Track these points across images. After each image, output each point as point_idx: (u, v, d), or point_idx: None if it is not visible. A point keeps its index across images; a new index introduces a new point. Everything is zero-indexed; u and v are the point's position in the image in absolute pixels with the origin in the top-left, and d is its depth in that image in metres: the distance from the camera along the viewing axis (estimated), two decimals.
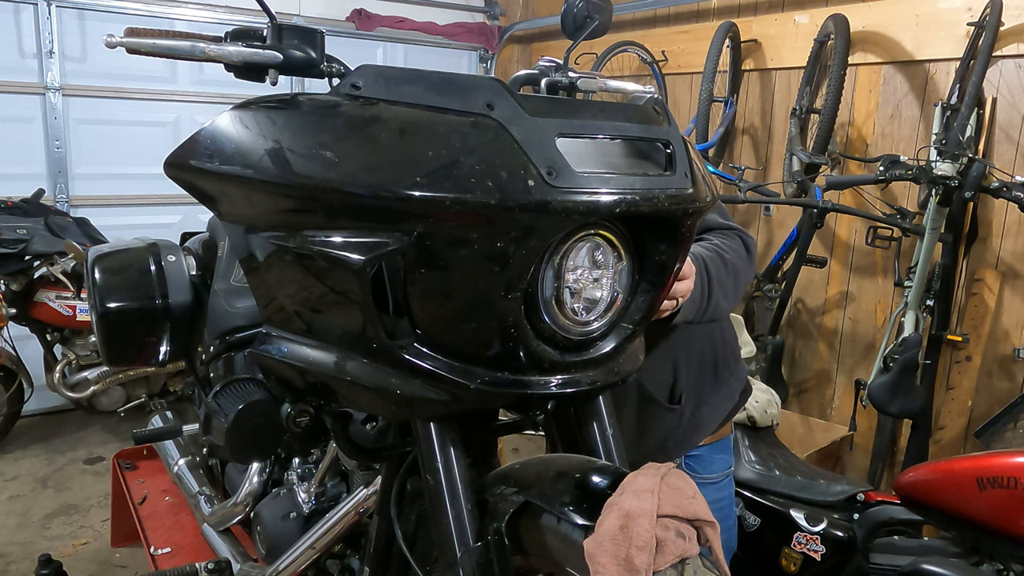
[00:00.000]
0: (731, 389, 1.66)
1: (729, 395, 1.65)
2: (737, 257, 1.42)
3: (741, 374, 1.70)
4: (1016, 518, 1.60)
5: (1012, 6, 2.77)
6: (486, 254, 0.84)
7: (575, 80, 1.31)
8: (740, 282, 1.42)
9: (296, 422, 1.09)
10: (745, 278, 1.44)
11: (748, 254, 1.47)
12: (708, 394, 1.61)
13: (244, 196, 0.94)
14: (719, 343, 1.62)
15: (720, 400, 1.63)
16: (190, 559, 2.04)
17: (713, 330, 1.60)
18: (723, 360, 1.63)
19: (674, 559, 0.81)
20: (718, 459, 1.68)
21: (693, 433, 1.60)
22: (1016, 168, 2.86)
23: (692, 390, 1.58)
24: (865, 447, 3.24)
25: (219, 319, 1.71)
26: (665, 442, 1.58)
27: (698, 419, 1.59)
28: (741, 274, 1.42)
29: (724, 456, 1.71)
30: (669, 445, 1.59)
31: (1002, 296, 2.96)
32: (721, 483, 1.69)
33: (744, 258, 1.45)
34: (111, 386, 3.48)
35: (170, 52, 0.95)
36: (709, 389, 1.61)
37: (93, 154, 4.06)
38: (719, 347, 1.62)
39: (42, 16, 3.78)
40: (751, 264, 1.47)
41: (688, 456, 1.63)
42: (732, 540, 1.79)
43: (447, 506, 0.97)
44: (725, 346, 1.64)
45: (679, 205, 0.92)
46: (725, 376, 1.64)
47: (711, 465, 1.66)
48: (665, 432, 1.57)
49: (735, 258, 1.41)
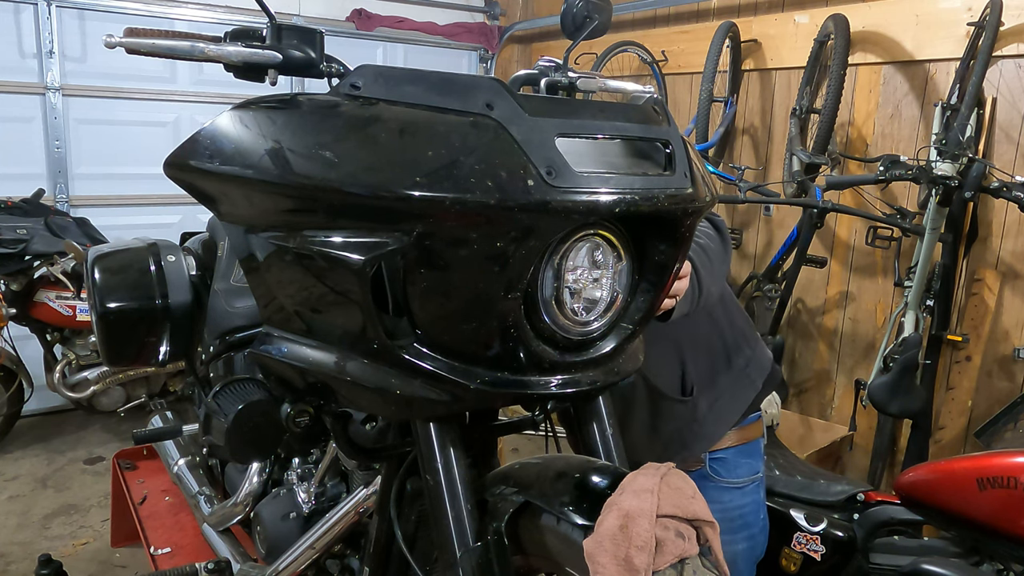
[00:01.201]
0: (750, 376, 1.61)
1: (749, 383, 1.61)
2: (709, 239, 1.40)
3: (761, 360, 1.65)
4: (1016, 518, 1.59)
5: (1012, 6, 2.77)
6: (486, 254, 0.84)
7: (575, 80, 1.31)
8: (717, 264, 1.40)
9: (296, 422, 1.09)
10: (721, 258, 1.42)
11: (719, 233, 1.45)
12: (723, 383, 1.58)
13: (244, 196, 0.94)
14: (725, 327, 1.59)
15: (738, 389, 1.59)
16: (190, 559, 2.04)
17: (717, 315, 1.58)
18: (734, 345, 1.60)
19: (674, 559, 0.81)
20: (744, 463, 1.63)
21: (713, 426, 1.57)
22: (1016, 168, 2.86)
23: (704, 380, 1.55)
24: (865, 447, 3.24)
25: (219, 319, 1.71)
26: (682, 435, 1.55)
27: (717, 411, 1.56)
28: (716, 256, 1.40)
29: (751, 461, 1.65)
30: (687, 438, 1.56)
31: (1002, 296, 2.96)
32: (747, 488, 1.63)
33: (715, 239, 1.43)
34: (111, 386, 3.48)
35: (170, 52, 0.95)
36: (723, 378, 1.58)
37: (93, 154, 4.06)
38: (726, 331, 1.59)
39: (42, 16, 3.78)
40: (725, 243, 1.45)
41: (713, 459, 1.60)
42: (759, 548, 1.70)
43: (447, 506, 0.97)
44: (733, 329, 1.61)
45: (679, 205, 0.92)
46: (740, 363, 1.61)
47: (736, 469, 1.61)
48: (680, 425, 1.55)
49: (707, 241, 1.40)
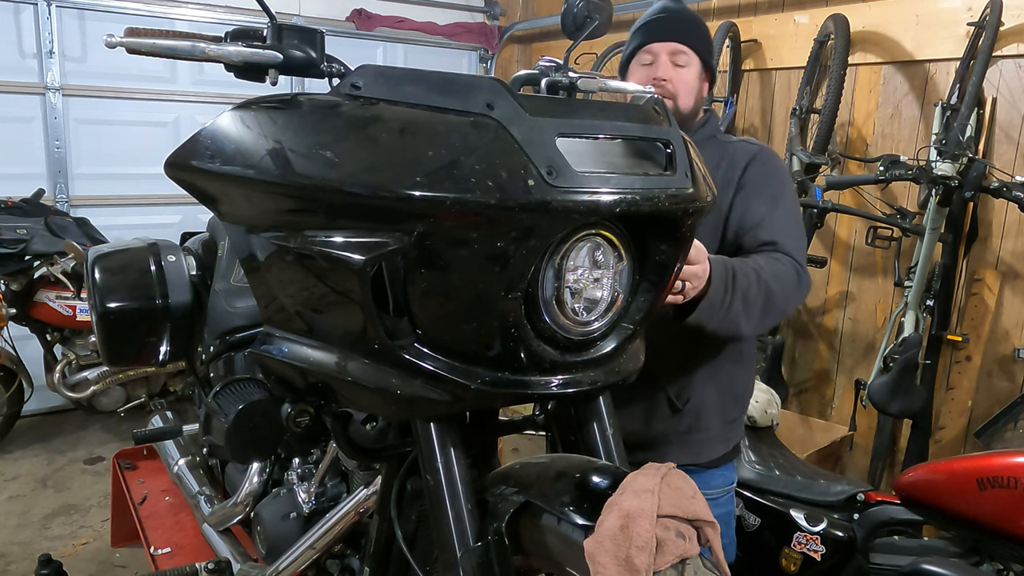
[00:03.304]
0: (727, 435, 1.64)
1: (724, 439, 1.63)
2: (775, 280, 1.37)
3: (740, 429, 1.69)
4: (1016, 518, 1.60)
5: (1012, 6, 2.77)
6: (486, 254, 0.84)
7: (575, 80, 1.30)
8: (771, 306, 1.37)
9: (296, 422, 1.09)
10: (778, 305, 1.39)
11: (796, 284, 1.42)
12: (714, 425, 1.60)
13: (245, 196, 0.94)
14: (739, 382, 1.62)
15: (719, 433, 1.62)
16: (190, 559, 2.04)
17: (736, 371, 1.60)
18: (743, 396, 1.64)
19: (674, 559, 0.81)
20: (719, 475, 1.65)
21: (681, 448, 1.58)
22: (1016, 168, 2.86)
23: (700, 408, 1.57)
24: (865, 447, 3.24)
25: (219, 319, 1.71)
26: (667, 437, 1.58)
27: (688, 441, 1.58)
28: (775, 298, 1.37)
29: (726, 473, 1.67)
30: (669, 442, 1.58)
31: (1002, 296, 2.96)
32: (720, 499, 1.65)
33: (786, 284, 1.40)
34: (111, 386, 3.48)
35: (170, 52, 0.95)
36: (716, 420, 1.60)
37: (93, 154, 4.05)
38: (738, 384, 1.62)
39: (42, 16, 3.78)
40: (793, 294, 1.42)
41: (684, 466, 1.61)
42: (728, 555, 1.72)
43: (447, 506, 0.97)
44: (745, 389, 1.65)
45: (679, 205, 0.92)
46: (733, 414, 1.63)
47: (711, 480, 1.62)
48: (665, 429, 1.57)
49: (772, 280, 1.37)
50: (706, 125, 1.61)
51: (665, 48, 1.54)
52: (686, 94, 1.55)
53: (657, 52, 1.54)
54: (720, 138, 1.61)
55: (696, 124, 1.60)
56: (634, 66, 1.59)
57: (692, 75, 1.56)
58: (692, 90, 1.56)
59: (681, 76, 1.54)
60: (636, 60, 1.58)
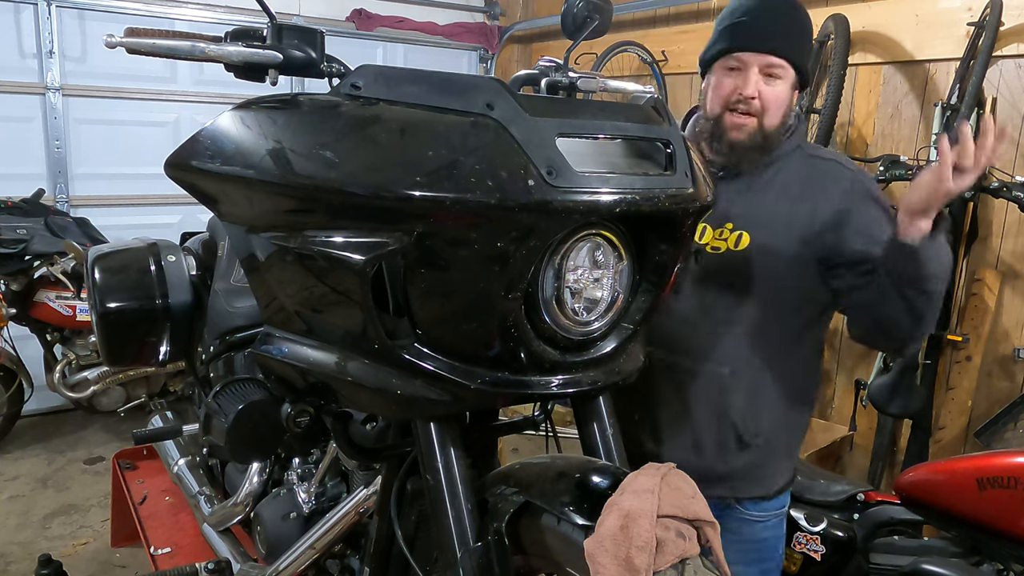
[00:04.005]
0: (790, 465, 1.56)
1: (788, 469, 1.55)
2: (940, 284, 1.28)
3: (791, 470, 1.59)
4: (1016, 518, 1.60)
5: (1012, 6, 2.76)
6: (486, 254, 0.84)
7: (575, 80, 1.31)
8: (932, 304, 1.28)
9: (296, 422, 1.09)
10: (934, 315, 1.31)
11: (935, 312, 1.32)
12: (775, 454, 1.51)
13: (245, 196, 0.94)
14: (805, 417, 1.56)
15: (783, 464, 1.54)
16: (190, 559, 2.04)
17: (804, 410, 1.54)
18: (800, 432, 1.58)
19: (674, 559, 0.81)
20: (777, 500, 1.55)
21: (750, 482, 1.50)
22: (1016, 168, 2.86)
23: (766, 440, 1.47)
24: (865, 447, 3.24)
25: (219, 319, 1.71)
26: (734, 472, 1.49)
27: (747, 470, 1.48)
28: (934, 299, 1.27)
29: (781, 497, 1.56)
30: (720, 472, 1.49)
31: (1002, 296, 2.95)
32: (769, 523, 1.54)
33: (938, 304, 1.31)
34: (111, 386, 3.48)
35: (170, 52, 0.95)
36: (777, 451, 1.51)
37: (93, 154, 4.05)
38: (804, 420, 1.56)
39: (42, 16, 3.78)
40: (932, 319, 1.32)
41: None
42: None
43: (447, 506, 0.97)
44: (806, 423, 1.58)
45: (679, 205, 0.92)
46: (796, 448, 1.58)
47: (764, 502, 1.52)
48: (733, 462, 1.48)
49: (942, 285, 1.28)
50: (792, 135, 1.43)
51: (758, 60, 1.33)
52: (774, 111, 1.36)
53: (748, 63, 1.33)
54: (808, 150, 1.45)
55: (781, 135, 1.41)
56: (718, 68, 1.38)
57: (784, 89, 1.36)
58: (782, 105, 1.36)
59: (772, 92, 1.35)
60: (721, 63, 1.37)
